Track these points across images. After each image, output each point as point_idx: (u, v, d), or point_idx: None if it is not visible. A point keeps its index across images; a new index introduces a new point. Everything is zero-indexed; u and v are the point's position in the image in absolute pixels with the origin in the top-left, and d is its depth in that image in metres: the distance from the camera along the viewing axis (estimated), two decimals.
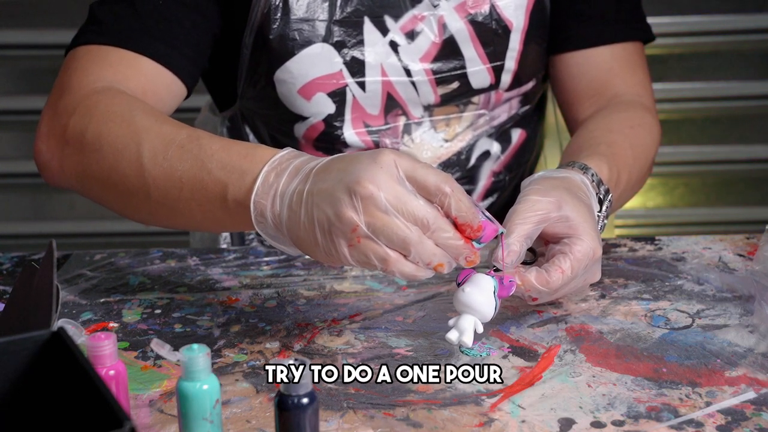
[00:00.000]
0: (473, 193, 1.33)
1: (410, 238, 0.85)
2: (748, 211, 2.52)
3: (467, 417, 0.84)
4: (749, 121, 2.48)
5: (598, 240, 0.98)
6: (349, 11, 1.19)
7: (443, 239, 0.86)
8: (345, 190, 0.84)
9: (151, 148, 0.98)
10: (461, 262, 0.88)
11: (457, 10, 1.21)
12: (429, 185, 0.86)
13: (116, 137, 1.01)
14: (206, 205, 0.95)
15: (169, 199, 0.98)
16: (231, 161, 0.93)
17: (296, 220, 0.88)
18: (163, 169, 0.97)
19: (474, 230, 0.88)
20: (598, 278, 1.01)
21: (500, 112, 1.30)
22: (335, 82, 1.21)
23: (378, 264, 0.86)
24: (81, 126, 1.04)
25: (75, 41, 1.14)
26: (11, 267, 1.17)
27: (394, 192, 0.84)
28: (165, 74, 1.13)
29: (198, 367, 0.76)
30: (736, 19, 2.40)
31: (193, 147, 0.97)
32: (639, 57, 1.30)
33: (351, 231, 0.85)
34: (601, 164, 1.08)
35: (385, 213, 0.84)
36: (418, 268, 0.87)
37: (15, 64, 2.42)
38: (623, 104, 1.26)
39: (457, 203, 0.86)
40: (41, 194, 2.54)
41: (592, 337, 0.98)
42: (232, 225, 0.96)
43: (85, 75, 1.10)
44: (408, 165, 0.86)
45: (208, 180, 0.94)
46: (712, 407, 0.85)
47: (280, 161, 0.91)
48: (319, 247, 0.87)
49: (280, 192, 0.89)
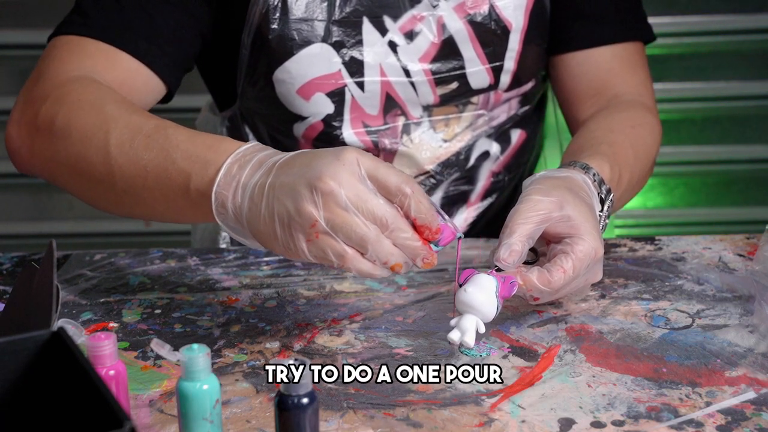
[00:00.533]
0: (472, 193, 1.33)
1: (368, 236, 0.85)
2: (748, 211, 2.51)
3: (467, 417, 0.84)
4: (749, 121, 2.48)
5: (600, 240, 0.98)
6: (348, 11, 1.19)
7: (401, 239, 0.87)
8: (306, 185, 0.85)
9: (119, 136, 0.99)
10: (418, 263, 0.89)
11: (457, 11, 1.21)
12: (390, 185, 0.86)
13: (85, 125, 1.02)
14: (170, 194, 0.96)
15: (133, 188, 0.98)
16: (195, 152, 0.94)
17: (257, 212, 0.88)
18: (129, 158, 0.98)
19: (432, 232, 0.88)
20: (599, 278, 1.01)
21: (499, 112, 1.30)
22: (334, 82, 1.21)
23: (335, 260, 0.86)
24: (52, 113, 1.05)
25: (57, 30, 1.15)
26: (11, 267, 1.17)
27: (355, 190, 0.85)
28: (143, 71, 1.13)
29: (198, 367, 0.76)
30: (736, 19, 2.40)
31: (159, 137, 0.97)
32: (640, 57, 1.30)
33: (310, 226, 0.85)
34: (602, 164, 1.08)
35: (344, 210, 0.85)
36: (375, 267, 0.87)
37: (15, 64, 2.42)
38: (624, 104, 1.26)
39: (417, 204, 0.87)
40: (41, 194, 2.54)
41: (592, 337, 0.98)
42: (194, 216, 0.97)
43: (62, 64, 1.11)
44: (370, 164, 0.87)
45: (172, 170, 0.95)
46: (712, 407, 0.85)
47: (244, 153, 0.91)
48: (278, 241, 0.87)
49: (242, 184, 0.89)
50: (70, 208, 2.52)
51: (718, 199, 2.54)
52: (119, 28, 1.13)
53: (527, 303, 1.04)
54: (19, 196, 2.53)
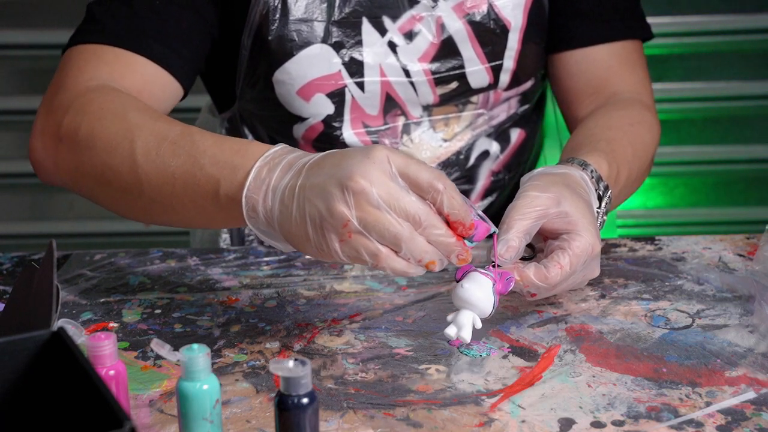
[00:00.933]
0: (472, 192, 1.33)
1: (401, 234, 0.84)
2: (748, 211, 2.51)
3: (467, 417, 0.84)
4: (749, 121, 2.48)
5: (597, 236, 0.98)
6: (347, 12, 1.19)
7: (435, 236, 0.86)
8: (337, 185, 0.84)
9: (144, 144, 0.98)
10: (453, 260, 0.88)
11: (455, 10, 1.21)
12: (422, 182, 0.86)
13: (109, 134, 1.01)
14: (199, 200, 0.95)
15: (162, 196, 0.98)
16: (223, 157, 0.93)
17: (288, 215, 0.87)
18: (156, 166, 0.97)
19: (466, 228, 0.88)
20: (596, 274, 1.01)
21: (499, 111, 1.31)
22: (334, 82, 1.21)
23: (369, 260, 0.86)
24: (75, 123, 1.04)
25: (72, 40, 1.15)
26: (11, 267, 1.17)
27: (387, 188, 0.84)
28: (161, 74, 1.13)
29: (198, 367, 0.76)
30: (736, 19, 2.39)
31: (185, 143, 0.97)
32: (638, 55, 1.30)
33: (342, 226, 0.84)
34: (600, 161, 1.08)
35: (376, 208, 0.84)
36: (409, 265, 0.87)
37: (15, 64, 2.42)
38: (622, 102, 1.26)
39: (449, 200, 0.86)
40: (41, 194, 2.53)
41: (592, 337, 0.98)
42: (224, 221, 0.96)
43: (81, 73, 1.10)
44: (401, 161, 0.86)
45: (200, 176, 0.94)
46: (712, 407, 0.85)
47: (273, 156, 0.91)
48: (311, 243, 0.87)
49: (272, 187, 0.89)
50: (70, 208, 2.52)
51: (718, 199, 2.54)
52: (133, 33, 1.13)
53: (527, 303, 1.04)
54: (19, 196, 2.53)
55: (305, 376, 0.73)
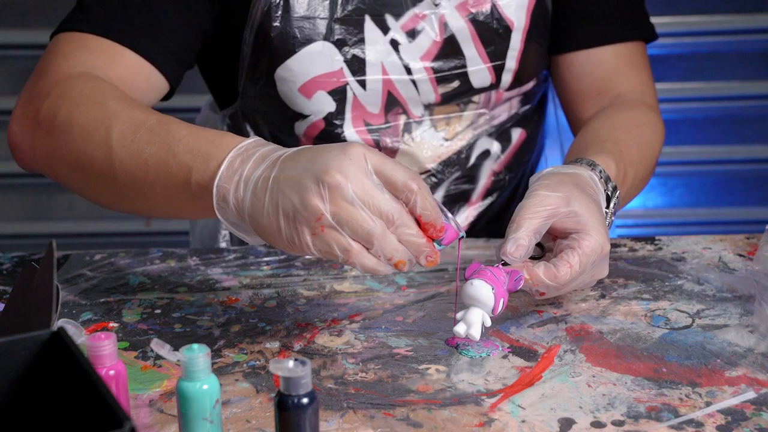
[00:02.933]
0: (473, 192, 1.33)
1: (374, 230, 0.85)
2: (748, 211, 2.51)
3: (467, 417, 0.84)
4: (749, 121, 2.48)
5: (607, 236, 0.98)
6: (350, 9, 1.19)
7: (406, 236, 0.86)
8: (313, 178, 0.84)
9: (120, 131, 0.99)
10: (421, 261, 0.88)
11: (459, 9, 1.22)
12: (397, 181, 0.86)
13: (87, 120, 1.02)
14: (170, 188, 0.95)
15: (134, 182, 0.98)
16: (197, 145, 0.93)
17: (259, 206, 0.87)
18: (130, 152, 0.97)
19: (437, 230, 0.88)
20: (605, 274, 1.01)
21: (500, 111, 1.30)
22: (336, 80, 1.21)
23: (340, 255, 0.85)
24: (54, 109, 1.05)
25: (60, 27, 1.15)
26: (11, 267, 1.17)
27: (362, 184, 0.84)
28: (146, 67, 1.13)
29: (198, 367, 0.76)
30: (736, 19, 2.39)
31: (161, 131, 0.97)
32: (642, 56, 1.30)
33: (315, 220, 0.84)
34: (608, 161, 1.08)
35: (351, 204, 0.84)
36: (379, 263, 0.86)
37: (15, 64, 2.42)
38: (627, 103, 1.26)
39: (423, 201, 0.87)
40: (41, 194, 2.53)
41: (592, 337, 0.98)
42: (194, 210, 0.96)
43: (64, 60, 1.11)
44: (377, 160, 0.86)
45: (173, 163, 0.94)
46: (712, 407, 0.85)
47: (247, 148, 0.91)
48: (282, 235, 0.87)
49: (244, 177, 0.89)
50: (70, 208, 2.52)
51: (718, 199, 2.53)
52: (121, 25, 1.13)
53: (527, 303, 1.04)
54: (19, 196, 2.53)
55: (305, 376, 0.73)
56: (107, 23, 1.13)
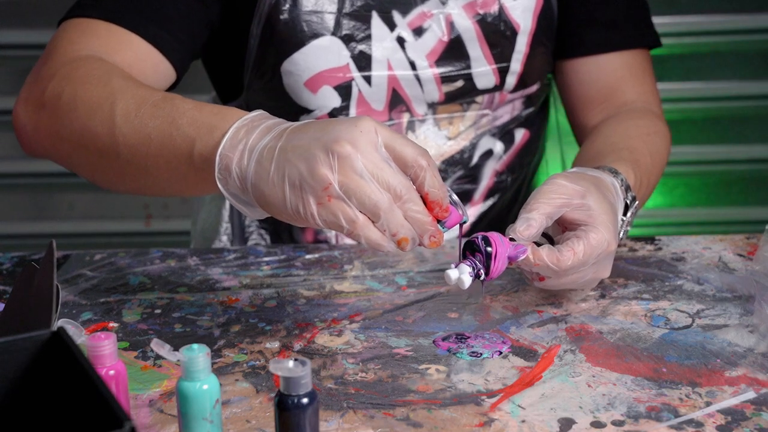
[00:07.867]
0: (475, 192, 1.33)
1: (382, 203, 0.84)
2: (748, 211, 2.51)
3: (467, 417, 0.84)
4: (749, 121, 2.48)
5: (615, 235, 0.98)
6: (358, 5, 1.20)
7: (413, 212, 0.86)
8: (322, 148, 0.84)
9: (125, 106, 0.99)
10: (425, 241, 0.87)
11: (466, 10, 1.22)
12: (406, 156, 0.86)
13: (91, 97, 1.01)
14: (173, 161, 0.95)
15: (137, 157, 0.97)
16: (201, 118, 0.93)
17: (264, 175, 0.86)
18: (134, 126, 0.97)
19: (442, 210, 0.88)
20: (608, 274, 1.00)
21: (503, 112, 1.31)
22: (342, 75, 1.21)
23: (346, 225, 0.84)
24: (59, 89, 1.05)
25: (68, 14, 1.15)
26: (11, 267, 1.17)
27: (372, 157, 0.84)
28: (153, 54, 1.13)
29: (198, 367, 0.76)
30: (736, 19, 2.39)
31: (165, 105, 0.97)
32: (647, 63, 1.30)
33: (323, 189, 0.84)
34: (627, 170, 1.08)
35: (359, 176, 0.83)
36: (384, 237, 0.85)
37: (15, 64, 2.42)
38: (636, 112, 1.26)
39: (431, 179, 0.86)
40: (41, 194, 2.53)
41: (592, 337, 0.98)
42: (195, 183, 0.95)
43: (71, 44, 1.11)
44: (388, 134, 0.86)
45: (177, 135, 0.94)
46: (712, 407, 0.85)
47: (252, 120, 0.91)
48: (286, 205, 0.86)
49: (249, 147, 0.88)
50: (70, 208, 2.52)
51: (718, 199, 2.53)
52: (130, 11, 1.13)
53: (527, 303, 1.04)
54: (19, 196, 2.53)
55: (305, 376, 0.73)
56: (116, 9, 1.13)
